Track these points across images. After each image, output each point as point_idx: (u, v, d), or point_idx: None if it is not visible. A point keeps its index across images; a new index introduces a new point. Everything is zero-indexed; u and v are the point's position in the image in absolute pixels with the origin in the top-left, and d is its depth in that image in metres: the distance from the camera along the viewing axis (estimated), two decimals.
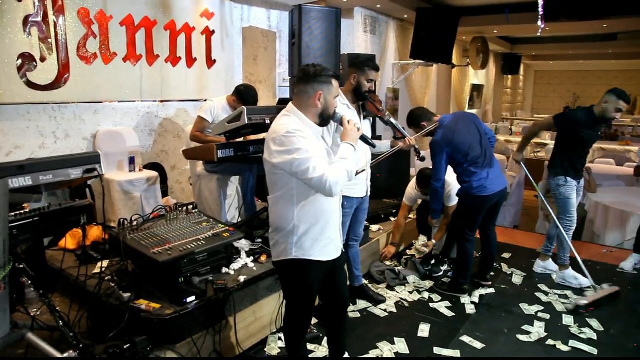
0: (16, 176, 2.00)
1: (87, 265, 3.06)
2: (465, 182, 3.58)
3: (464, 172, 3.57)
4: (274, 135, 2.07)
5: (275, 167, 2.09)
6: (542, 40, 12.71)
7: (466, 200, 3.65)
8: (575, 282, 3.97)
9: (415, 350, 3.00)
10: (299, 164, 2.01)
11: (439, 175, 3.55)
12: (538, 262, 4.31)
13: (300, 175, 2.03)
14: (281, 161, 2.05)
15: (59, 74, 3.74)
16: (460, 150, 3.52)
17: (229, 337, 2.77)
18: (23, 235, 2.25)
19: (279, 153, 2.04)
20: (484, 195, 3.55)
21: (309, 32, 4.55)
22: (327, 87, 2.16)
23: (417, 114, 3.70)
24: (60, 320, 2.31)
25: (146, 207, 3.93)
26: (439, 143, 3.53)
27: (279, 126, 2.09)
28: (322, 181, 2.01)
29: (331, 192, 2.05)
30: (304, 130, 2.09)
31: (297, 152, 2.01)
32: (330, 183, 2.02)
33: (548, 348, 3.07)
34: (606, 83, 16.33)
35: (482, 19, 8.56)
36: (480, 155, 3.55)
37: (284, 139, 2.03)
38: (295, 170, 2.03)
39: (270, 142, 2.08)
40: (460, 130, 3.54)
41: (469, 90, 12.11)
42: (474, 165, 3.54)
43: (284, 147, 2.03)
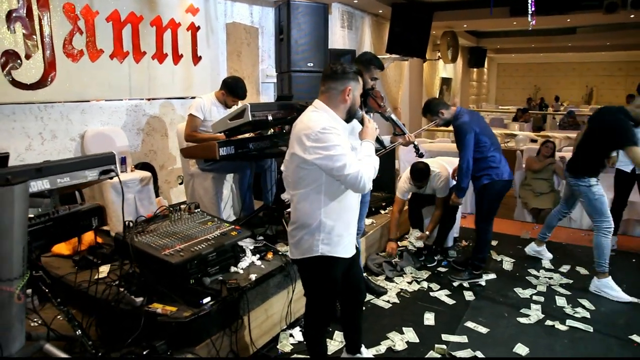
0: (34, 179, 1.91)
1: (86, 270, 2.99)
2: (493, 168, 3.66)
3: (491, 157, 3.66)
4: (308, 131, 2.07)
5: (307, 162, 2.09)
6: (506, 34, 13.10)
7: (497, 187, 3.71)
8: (612, 294, 3.62)
9: (424, 338, 3.08)
10: (336, 160, 2.03)
11: (468, 155, 3.61)
12: (532, 245, 4.42)
13: (336, 171, 2.05)
14: (317, 157, 2.05)
15: (45, 72, 3.58)
16: (487, 132, 3.69)
17: (243, 336, 2.75)
18: (37, 241, 2.15)
19: (314, 149, 2.05)
20: (510, 179, 3.74)
21: (298, 28, 4.55)
22: (354, 83, 2.21)
23: (435, 103, 3.81)
24: (79, 329, 2.23)
25: (140, 209, 3.83)
26: (469, 123, 3.62)
27: (313, 122, 2.09)
28: (358, 177, 2.04)
29: (364, 188, 2.09)
30: (336, 126, 2.11)
31: (334, 148, 2.03)
32: (364, 179, 2.06)
33: (548, 328, 3.21)
34: (565, 74, 17.06)
35: (453, 13, 8.74)
36: (498, 143, 3.76)
37: (321, 135, 2.04)
38: (331, 167, 2.05)
39: (304, 137, 2.08)
40: (479, 116, 3.78)
41: (439, 83, 12.36)
42: (498, 150, 3.71)
43: (321, 143, 2.04)
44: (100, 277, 2.90)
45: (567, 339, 3.08)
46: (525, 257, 4.43)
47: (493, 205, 3.82)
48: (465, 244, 4.84)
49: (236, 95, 3.75)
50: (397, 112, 9.09)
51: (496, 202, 3.82)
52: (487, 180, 3.69)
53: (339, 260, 2.25)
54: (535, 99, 16.51)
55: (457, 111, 3.73)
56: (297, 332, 3.10)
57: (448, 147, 6.08)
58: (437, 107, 3.74)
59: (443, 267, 4.23)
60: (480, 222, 3.86)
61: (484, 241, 3.90)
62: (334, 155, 2.03)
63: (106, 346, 2.39)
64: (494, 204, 3.82)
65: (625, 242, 4.82)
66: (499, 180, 3.69)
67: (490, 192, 3.74)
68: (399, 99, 9.35)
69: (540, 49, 15.40)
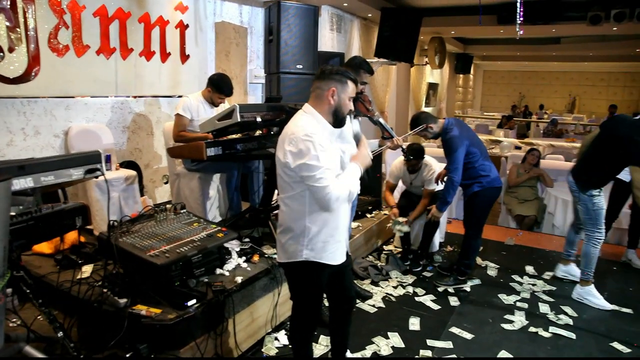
0: (17, 177, 1.86)
1: (67, 270, 2.92)
2: (484, 176, 3.70)
3: (480, 166, 3.70)
4: (291, 135, 2.06)
5: (289, 167, 2.07)
6: (493, 42, 13.27)
7: (488, 194, 3.75)
8: (594, 302, 3.63)
9: (409, 343, 3.07)
10: (308, 169, 2.01)
11: (459, 169, 3.62)
12: (560, 266, 4.14)
13: (307, 180, 2.04)
14: (293, 163, 2.04)
15: (29, 66, 3.50)
16: (475, 142, 3.73)
17: (228, 339, 2.72)
18: (18, 240, 2.10)
19: (292, 154, 2.04)
20: (500, 185, 3.80)
21: (288, 29, 4.53)
22: (341, 85, 2.16)
23: (423, 117, 3.78)
24: (61, 330, 2.18)
25: (125, 208, 3.77)
26: (459, 137, 3.62)
27: (297, 127, 2.08)
28: (324, 192, 2.02)
29: (329, 206, 2.07)
30: (321, 133, 2.09)
31: (309, 157, 2.01)
32: (331, 196, 2.03)
33: (532, 335, 3.23)
34: (549, 83, 17.33)
35: (442, 19, 8.81)
36: (486, 151, 3.81)
37: (300, 141, 2.02)
38: (305, 175, 2.03)
39: (286, 141, 2.07)
40: (466, 126, 3.82)
41: (426, 88, 12.45)
42: (487, 159, 3.76)
43: (298, 149, 2.02)
44: (83, 277, 2.84)
45: (550, 345, 3.11)
46: (509, 262, 4.47)
47: (484, 212, 3.85)
48: (451, 248, 4.86)
49: (222, 92, 3.71)
50: (384, 115, 9.12)
51: (487, 209, 3.85)
52: (478, 188, 3.72)
53: (325, 266, 2.23)
54: (520, 106, 16.72)
55: (446, 124, 3.71)
56: (283, 335, 3.08)
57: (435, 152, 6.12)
58: (425, 122, 3.72)
59: (428, 271, 4.24)
60: (470, 229, 3.88)
61: (472, 248, 3.92)
62: (307, 164, 2.01)
63: (88, 348, 2.35)
64: (485, 211, 3.85)
65: (607, 249, 4.89)
66: (489, 188, 3.73)
67: (481, 199, 3.77)
68: (386, 103, 9.39)
69: (526, 57, 15.64)
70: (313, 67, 5.03)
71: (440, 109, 13.99)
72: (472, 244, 3.91)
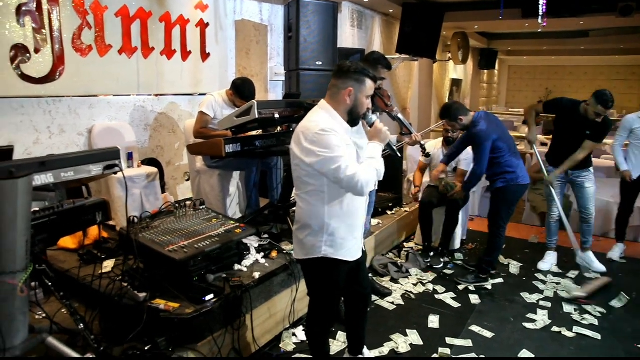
0: (38, 173, 1.91)
1: (90, 265, 2.98)
2: (510, 173, 3.66)
3: (507, 162, 3.66)
4: (307, 132, 2.04)
5: (305, 163, 2.06)
6: (518, 36, 12.99)
7: (512, 190, 3.71)
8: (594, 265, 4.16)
9: (428, 341, 3.05)
10: (332, 162, 1.99)
11: (484, 164, 3.62)
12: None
13: (331, 174, 2.01)
14: (312, 159, 2.03)
15: (54, 67, 3.59)
16: (504, 138, 3.67)
17: (245, 334, 2.74)
18: (40, 235, 2.15)
19: (310, 151, 2.02)
20: (527, 183, 3.76)
21: (307, 26, 4.53)
22: (359, 84, 2.13)
23: (455, 108, 3.77)
24: (82, 323, 2.23)
25: (146, 204, 3.84)
26: (487, 131, 3.59)
27: (312, 123, 2.07)
28: (354, 181, 2.00)
29: (362, 192, 2.05)
30: (336, 128, 2.07)
31: (330, 151, 1.99)
32: (361, 183, 2.01)
33: (555, 335, 3.17)
34: (577, 78, 16.85)
35: (464, 14, 8.67)
36: (515, 147, 3.76)
37: (317, 136, 2.01)
38: (327, 169, 2.01)
39: (302, 138, 2.06)
40: (497, 121, 3.77)
41: (449, 84, 12.29)
42: (515, 155, 3.70)
43: (316, 145, 2.01)
44: (104, 271, 2.90)
45: (573, 346, 3.04)
46: (533, 261, 4.37)
47: (506, 209, 3.79)
48: (472, 246, 4.80)
49: (243, 97, 3.72)
50: (406, 112, 9.04)
51: (510, 206, 3.81)
52: (502, 184, 3.69)
53: (342, 262, 2.22)
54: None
55: (475, 117, 3.70)
56: (300, 331, 3.09)
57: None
58: (456, 113, 3.71)
59: (449, 269, 4.20)
60: (492, 226, 3.84)
61: (494, 245, 3.87)
62: (329, 158, 1.99)
63: (108, 340, 2.38)
64: (508, 208, 3.80)
65: (635, 249, 4.75)
66: (514, 185, 3.68)
67: (505, 195, 3.73)
68: (408, 99, 9.30)
69: (552, 51, 15.25)
70: (333, 63, 5.00)
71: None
72: (494, 242, 3.84)
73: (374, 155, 2.16)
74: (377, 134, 2.23)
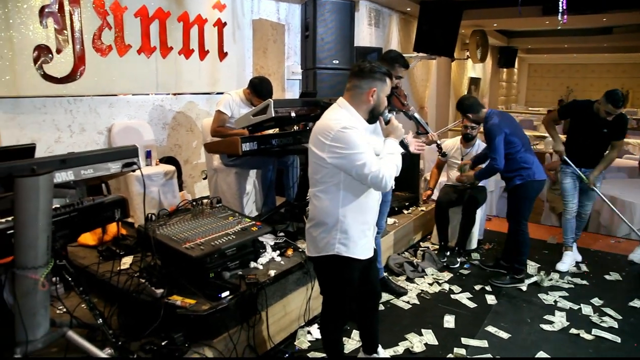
0: (59, 170, 1.95)
1: (109, 261, 3.04)
2: (526, 169, 3.65)
3: (522, 158, 3.65)
4: (328, 130, 2.05)
5: (325, 161, 2.07)
6: (538, 34, 12.79)
7: (530, 186, 3.69)
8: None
9: (443, 341, 3.03)
10: (355, 160, 2.01)
11: (499, 157, 3.60)
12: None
13: (355, 170, 2.02)
14: (335, 157, 2.04)
15: (75, 66, 3.67)
16: (517, 133, 3.66)
17: (261, 331, 2.76)
18: (61, 231, 2.20)
19: (333, 148, 2.03)
20: (543, 179, 3.73)
21: (324, 25, 4.53)
22: (381, 84, 2.15)
23: (468, 103, 3.83)
24: (100, 318, 2.27)
25: (164, 202, 3.89)
26: (499, 125, 3.61)
27: (333, 121, 2.07)
28: (379, 177, 2.01)
29: (386, 187, 2.06)
30: (357, 125, 2.08)
31: (354, 148, 2.01)
32: (385, 178, 2.03)
33: (573, 337, 3.11)
34: (599, 76, 16.53)
35: (483, 12, 8.57)
36: (529, 144, 3.74)
37: (340, 134, 2.01)
38: (350, 166, 2.02)
39: (323, 136, 2.06)
40: (511, 118, 3.78)
41: (467, 83, 12.17)
42: (529, 151, 3.69)
43: (340, 143, 2.01)
44: (122, 268, 2.95)
45: (592, 348, 2.99)
46: (551, 262, 4.31)
47: (526, 205, 3.78)
48: (489, 246, 4.75)
49: (261, 96, 3.74)
50: (423, 111, 8.98)
51: (528, 202, 3.78)
52: (520, 181, 3.67)
53: (355, 260, 2.22)
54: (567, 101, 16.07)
55: (488, 113, 3.72)
56: (315, 329, 3.09)
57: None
58: (467, 109, 3.80)
59: (465, 269, 4.17)
60: (514, 224, 3.82)
61: (521, 243, 3.83)
62: (353, 155, 2.00)
63: (126, 335, 2.43)
64: (526, 205, 3.77)
65: None
66: (531, 181, 3.66)
67: (524, 192, 3.72)
68: (425, 98, 9.24)
69: (574, 49, 14.98)
70: (349, 62, 5.00)
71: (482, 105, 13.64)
72: (519, 240, 3.81)
73: (392, 151, 2.18)
74: (394, 131, 2.26)
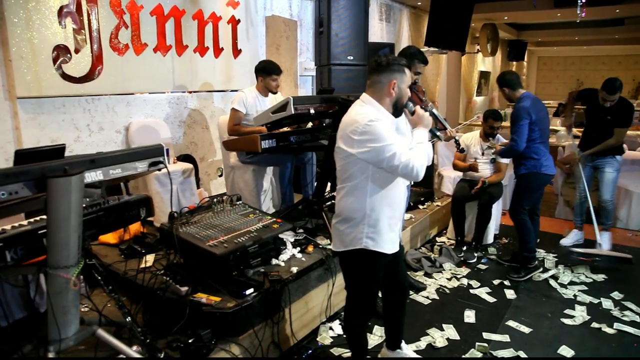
0: (88, 170, 1.97)
1: (132, 259, 3.07)
2: (534, 160, 3.66)
3: (534, 149, 3.65)
4: (355, 125, 2.06)
5: (353, 156, 2.08)
6: (548, 27, 12.66)
7: (533, 177, 3.72)
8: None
9: (465, 335, 3.03)
10: (385, 151, 2.02)
11: (521, 139, 3.59)
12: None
13: (386, 162, 2.03)
14: (365, 150, 2.05)
15: (93, 66, 3.69)
16: (540, 123, 3.64)
17: (284, 328, 2.77)
18: (89, 230, 2.22)
19: (361, 142, 2.04)
20: (550, 174, 3.74)
21: (338, 20, 4.52)
22: (400, 75, 2.16)
23: (509, 78, 3.78)
24: (129, 316, 2.30)
25: (182, 200, 3.91)
26: (526, 108, 3.59)
27: (359, 115, 2.08)
28: (409, 167, 2.02)
29: (417, 176, 2.07)
30: (383, 119, 2.09)
31: (382, 140, 2.02)
32: (416, 168, 2.04)
33: (594, 331, 3.11)
34: (610, 68, 16.33)
35: (494, 5, 8.51)
36: (548, 137, 3.73)
37: (368, 127, 2.03)
38: (381, 158, 2.03)
39: (350, 131, 2.07)
40: (542, 107, 3.74)
41: (477, 77, 12.10)
42: (543, 144, 3.69)
43: (368, 136, 2.03)
44: (145, 266, 2.98)
45: (615, 342, 2.98)
46: (568, 256, 4.30)
47: (527, 196, 3.79)
48: (505, 240, 4.74)
49: (272, 72, 3.81)
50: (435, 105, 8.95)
51: (528, 193, 3.80)
52: (525, 171, 3.72)
53: (381, 255, 2.23)
54: None
55: (523, 94, 3.69)
56: (337, 325, 3.11)
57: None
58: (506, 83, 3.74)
59: (483, 264, 4.16)
60: (513, 213, 3.86)
61: (523, 231, 3.85)
62: (383, 146, 2.01)
63: (152, 333, 2.45)
64: (526, 195, 3.79)
65: None
66: (536, 172, 3.67)
67: (525, 182, 3.76)
68: (436, 93, 9.21)
69: (584, 41, 14.81)
70: (364, 58, 4.98)
71: (492, 98, 13.57)
72: (520, 229, 3.84)
73: (421, 141, 2.19)
74: (421, 120, 2.27)
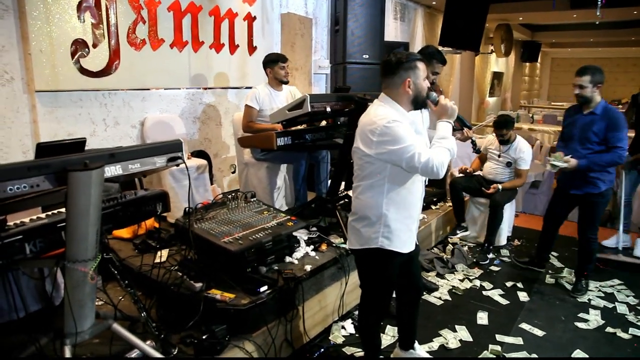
0: (108, 165, 1.97)
1: (147, 254, 3.07)
2: (610, 174, 3.42)
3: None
4: (374, 126, 2.05)
5: (371, 157, 2.08)
6: (564, 28, 12.54)
7: (608, 194, 3.52)
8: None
9: (477, 337, 3.02)
10: (405, 152, 2.01)
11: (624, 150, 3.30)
12: None
13: (406, 162, 2.03)
14: (384, 151, 2.04)
15: (110, 61, 3.70)
16: None
17: (297, 325, 2.77)
18: (106, 224, 2.23)
19: (380, 144, 2.04)
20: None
21: (354, 19, 4.50)
22: (413, 71, 2.13)
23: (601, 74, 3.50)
24: (144, 311, 2.31)
25: (196, 196, 3.91)
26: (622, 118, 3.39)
27: (378, 117, 2.07)
28: (429, 166, 2.01)
29: (438, 174, 2.06)
30: (402, 120, 2.08)
31: (401, 141, 2.01)
32: (436, 166, 2.03)
33: (609, 335, 3.08)
34: (625, 70, 16.15)
35: (510, 5, 8.44)
36: None
37: (386, 129, 2.02)
38: (400, 159, 2.03)
39: (369, 132, 2.07)
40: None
41: (490, 78, 12.01)
42: None
43: (387, 137, 2.02)
44: (158, 261, 2.98)
45: (630, 348, 2.95)
46: None
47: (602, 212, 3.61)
48: (518, 242, 4.71)
49: (279, 60, 3.87)
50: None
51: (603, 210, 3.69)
52: (604, 187, 3.45)
53: (397, 254, 2.22)
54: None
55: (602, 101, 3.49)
56: (349, 324, 3.11)
57: None
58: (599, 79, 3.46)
59: (495, 265, 4.13)
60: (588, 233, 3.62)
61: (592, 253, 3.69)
62: (402, 147, 2.01)
63: (167, 328, 2.46)
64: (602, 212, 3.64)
65: None
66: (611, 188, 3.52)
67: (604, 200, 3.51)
68: (449, 92, 9.16)
69: (599, 43, 14.65)
70: (379, 56, 4.95)
71: (505, 99, 13.47)
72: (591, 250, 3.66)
73: (445, 135, 2.17)
74: (445, 111, 2.23)
